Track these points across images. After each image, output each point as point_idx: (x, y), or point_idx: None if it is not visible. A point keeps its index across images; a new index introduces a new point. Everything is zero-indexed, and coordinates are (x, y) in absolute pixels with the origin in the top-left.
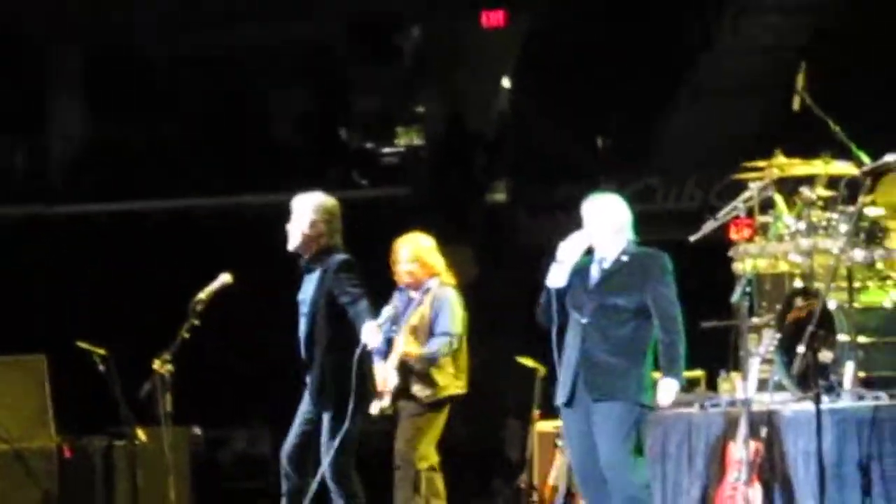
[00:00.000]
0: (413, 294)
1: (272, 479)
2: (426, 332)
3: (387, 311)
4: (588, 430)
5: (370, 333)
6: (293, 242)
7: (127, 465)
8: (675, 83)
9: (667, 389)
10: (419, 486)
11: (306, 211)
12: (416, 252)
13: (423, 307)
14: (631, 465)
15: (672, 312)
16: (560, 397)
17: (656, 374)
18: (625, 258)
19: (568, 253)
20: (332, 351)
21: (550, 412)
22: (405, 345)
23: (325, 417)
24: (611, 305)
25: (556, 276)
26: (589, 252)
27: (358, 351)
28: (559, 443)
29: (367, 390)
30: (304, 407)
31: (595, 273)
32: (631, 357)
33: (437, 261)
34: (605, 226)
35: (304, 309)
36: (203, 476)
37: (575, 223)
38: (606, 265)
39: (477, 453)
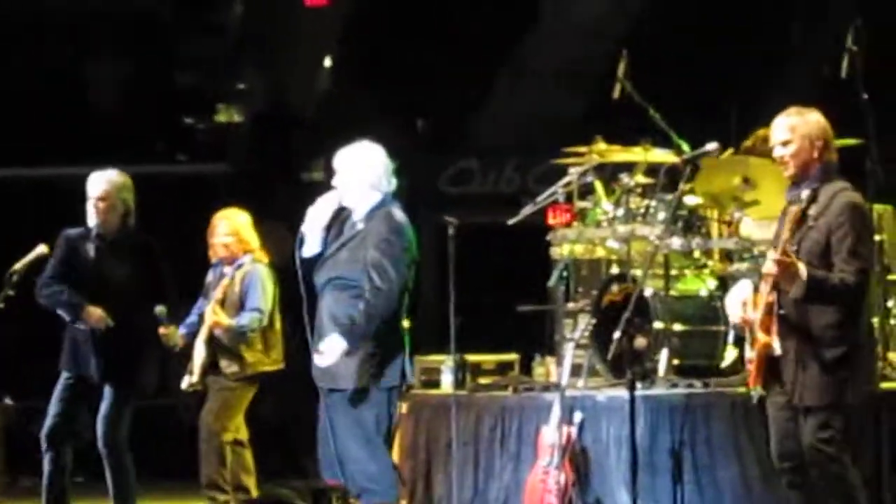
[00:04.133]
0: (226, 269)
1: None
2: (235, 306)
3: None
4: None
5: None
6: (109, 221)
7: None
8: (496, 63)
9: (329, 345)
10: (225, 459)
11: (113, 189)
12: (232, 226)
13: (228, 280)
14: (364, 457)
15: (375, 274)
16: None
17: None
18: (361, 225)
19: (313, 219)
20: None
21: None
22: (214, 316)
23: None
24: (336, 279)
25: (308, 245)
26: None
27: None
28: None
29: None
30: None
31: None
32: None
33: (252, 237)
34: (353, 181)
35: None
36: (17, 447)
37: None
38: (353, 230)
39: (288, 431)
